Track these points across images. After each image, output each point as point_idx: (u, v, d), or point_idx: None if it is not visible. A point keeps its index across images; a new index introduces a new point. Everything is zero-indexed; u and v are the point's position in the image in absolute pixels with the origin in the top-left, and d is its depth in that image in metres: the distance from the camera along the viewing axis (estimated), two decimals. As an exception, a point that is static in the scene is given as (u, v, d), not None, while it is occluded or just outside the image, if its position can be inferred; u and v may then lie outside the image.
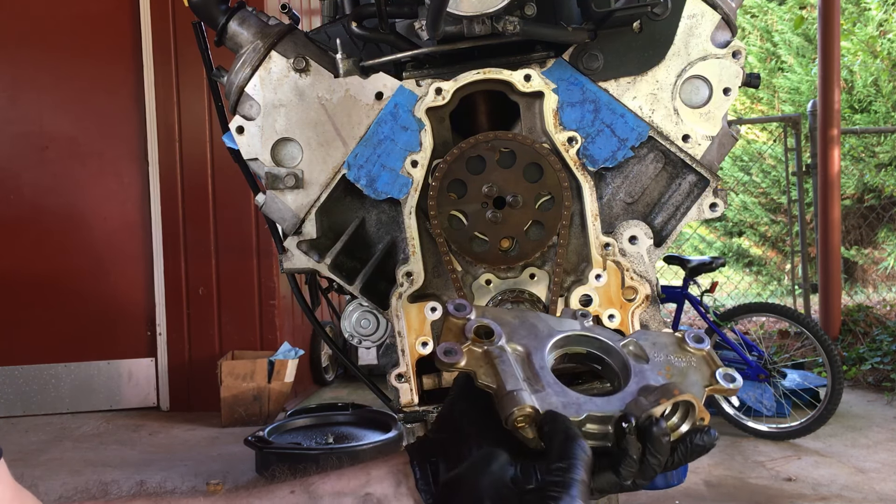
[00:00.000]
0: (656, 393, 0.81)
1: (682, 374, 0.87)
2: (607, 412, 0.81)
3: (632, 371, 0.86)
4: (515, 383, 0.80)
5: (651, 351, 0.89)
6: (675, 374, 0.87)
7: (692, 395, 0.81)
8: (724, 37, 1.27)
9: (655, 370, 0.87)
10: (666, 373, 0.87)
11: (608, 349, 0.89)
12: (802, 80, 9.89)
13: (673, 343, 0.91)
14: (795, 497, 3.97)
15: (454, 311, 0.88)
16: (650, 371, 0.86)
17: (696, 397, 0.82)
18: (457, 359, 0.84)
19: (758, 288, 10.08)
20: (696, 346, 0.90)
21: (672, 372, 0.87)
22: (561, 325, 0.91)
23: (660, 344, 0.90)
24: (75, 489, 0.87)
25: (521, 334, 0.88)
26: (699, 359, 0.89)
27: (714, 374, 0.87)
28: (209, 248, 5.84)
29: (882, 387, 6.09)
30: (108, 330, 5.90)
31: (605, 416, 0.80)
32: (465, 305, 0.89)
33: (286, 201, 1.30)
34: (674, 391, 0.81)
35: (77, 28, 5.84)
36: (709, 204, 1.28)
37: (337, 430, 4.50)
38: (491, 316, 0.89)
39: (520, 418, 0.77)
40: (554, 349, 0.89)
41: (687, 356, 0.89)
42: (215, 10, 1.34)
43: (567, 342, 0.90)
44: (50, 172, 5.90)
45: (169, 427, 5.43)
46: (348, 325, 1.38)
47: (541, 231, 1.25)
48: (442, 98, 1.26)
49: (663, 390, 0.81)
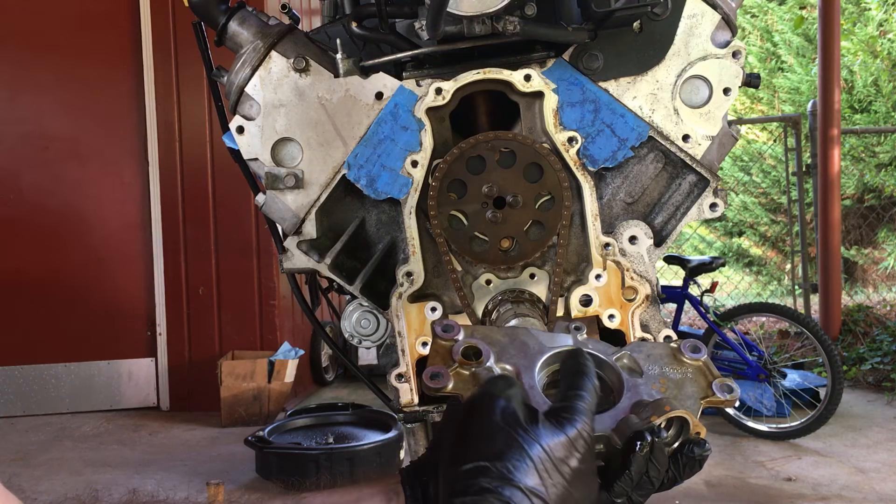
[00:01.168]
0: (647, 409, 0.79)
1: (677, 386, 0.85)
2: (598, 431, 0.79)
3: (625, 386, 0.84)
4: None
5: (645, 363, 0.87)
6: (669, 386, 0.85)
7: (684, 410, 0.80)
8: (724, 37, 1.27)
9: (649, 384, 0.85)
10: (661, 386, 0.85)
11: (601, 363, 0.87)
12: (802, 80, 9.90)
13: (668, 354, 0.89)
14: (795, 497, 3.97)
15: (441, 332, 0.87)
16: (644, 385, 0.85)
17: (689, 411, 0.80)
18: (443, 383, 0.83)
19: (758, 288, 10.09)
20: (692, 356, 0.88)
21: (667, 385, 0.85)
22: (553, 341, 0.89)
23: (654, 356, 0.88)
24: (65, 496, 0.88)
25: (511, 353, 0.86)
26: (695, 369, 0.87)
27: (710, 385, 0.85)
28: (209, 248, 5.84)
29: (882, 387, 6.09)
30: (109, 330, 5.90)
31: (596, 435, 0.79)
32: (453, 326, 0.87)
33: (286, 201, 1.30)
34: (665, 407, 0.79)
35: (77, 28, 5.84)
36: (709, 204, 1.28)
37: (337, 430, 4.50)
38: (480, 336, 0.88)
39: None
40: (545, 366, 0.87)
41: (683, 367, 0.87)
42: (215, 10, 1.34)
43: (558, 358, 0.88)
44: (50, 172, 5.90)
45: (169, 427, 5.44)
46: (348, 325, 1.38)
47: (541, 231, 1.25)
48: (442, 98, 1.26)
49: (655, 406, 0.80)
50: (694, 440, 0.80)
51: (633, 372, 0.87)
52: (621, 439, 0.79)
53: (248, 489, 4.12)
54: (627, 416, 0.80)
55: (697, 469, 0.81)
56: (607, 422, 0.80)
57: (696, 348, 0.89)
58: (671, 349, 0.90)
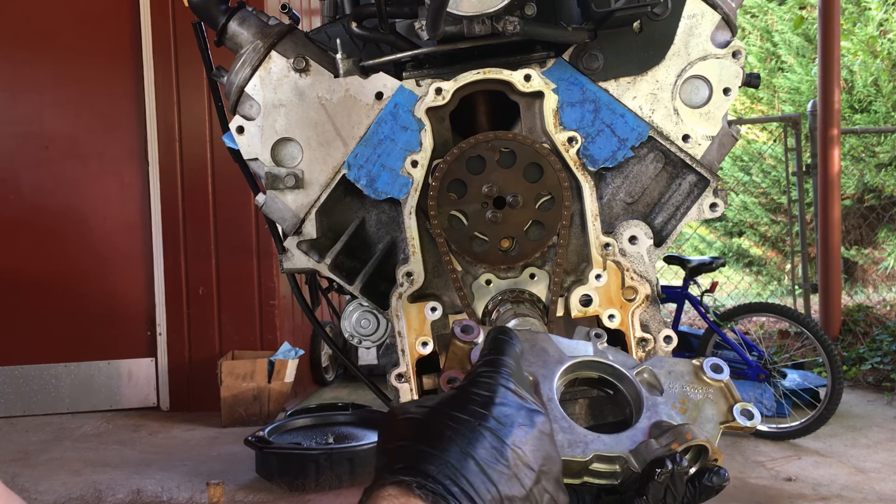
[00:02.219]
0: (668, 436, 0.77)
1: (696, 407, 0.83)
2: (615, 452, 0.77)
3: (644, 404, 0.82)
4: None
5: (666, 380, 0.85)
6: (689, 407, 0.83)
7: (706, 440, 0.78)
8: (724, 37, 1.27)
9: (669, 403, 0.83)
10: (681, 406, 0.83)
11: (621, 376, 0.85)
12: (802, 80, 9.90)
13: (690, 372, 0.86)
14: (795, 497, 3.97)
15: (461, 333, 0.84)
16: (664, 405, 0.82)
17: (710, 441, 0.78)
18: None
19: (758, 288, 10.09)
20: (713, 376, 0.86)
21: (687, 405, 0.83)
22: (574, 348, 0.87)
23: (676, 373, 0.86)
24: (69, 496, 0.88)
25: (530, 360, 0.84)
26: (716, 391, 0.85)
27: (731, 410, 0.83)
28: (209, 248, 5.84)
29: (882, 387, 6.09)
30: (109, 330, 5.90)
31: (613, 455, 0.77)
32: (472, 328, 0.84)
33: (286, 201, 1.30)
34: (687, 435, 0.77)
35: (77, 28, 5.84)
36: (709, 204, 1.28)
37: (337, 430, 4.50)
38: None
39: None
40: (564, 375, 0.85)
41: (703, 387, 0.85)
42: (215, 10, 1.34)
43: (578, 368, 0.86)
44: (50, 172, 5.90)
45: (169, 427, 5.43)
46: (348, 325, 1.38)
47: (541, 231, 1.25)
48: (442, 98, 1.26)
49: (676, 433, 0.77)
50: (712, 468, 0.78)
51: (652, 388, 0.85)
52: (640, 463, 0.77)
53: (248, 489, 4.12)
54: (647, 440, 0.78)
55: (713, 496, 0.80)
56: (625, 443, 0.78)
57: (719, 368, 0.87)
58: (693, 366, 0.87)
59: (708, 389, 0.85)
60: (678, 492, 0.77)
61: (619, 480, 0.78)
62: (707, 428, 0.82)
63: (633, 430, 0.80)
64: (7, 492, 0.83)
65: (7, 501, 0.82)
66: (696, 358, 0.89)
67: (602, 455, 0.77)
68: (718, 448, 0.80)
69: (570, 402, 1.28)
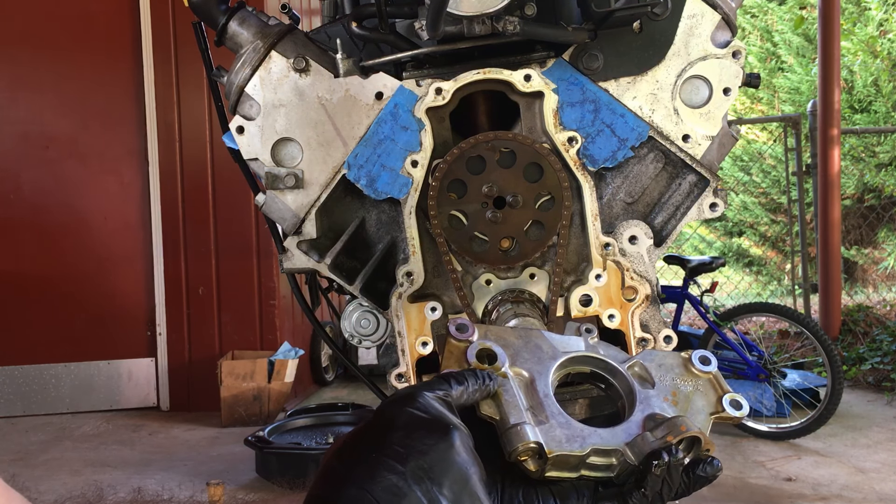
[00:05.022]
0: (663, 428, 0.79)
1: (687, 399, 0.85)
2: (611, 445, 0.79)
3: (637, 397, 0.84)
4: (519, 416, 0.78)
5: (657, 373, 0.87)
6: (680, 399, 0.85)
7: (699, 431, 0.80)
8: (724, 37, 1.27)
9: (661, 396, 0.85)
10: (672, 398, 0.85)
11: (613, 370, 0.87)
12: (802, 80, 9.90)
13: (679, 364, 0.89)
14: (795, 497, 3.97)
15: (456, 332, 0.85)
16: (656, 397, 0.85)
17: (703, 432, 0.80)
18: None
19: (758, 288, 10.09)
20: (702, 367, 0.88)
21: (678, 397, 0.85)
22: (566, 344, 0.89)
23: (666, 365, 0.88)
24: (70, 494, 0.88)
25: (525, 357, 0.86)
26: (705, 382, 0.87)
27: (720, 400, 0.85)
28: (209, 248, 5.84)
29: (882, 387, 6.09)
30: (108, 330, 5.90)
31: (610, 449, 0.79)
32: (468, 326, 0.86)
33: (286, 201, 1.30)
34: (681, 427, 0.79)
35: (77, 28, 5.84)
36: (709, 204, 1.28)
37: (337, 430, 4.50)
38: (494, 337, 0.87)
39: (523, 453, 0.76)
40: (558, 370, 0.87)
41: (693, 379, 0.87)
42: (215, 10, 1.34)
43: (571, 363, 0.88)
44: (50, 172, 5.90)
45: (169, 427, 5.43)
46: (348, 325, 1.38)
47: (541, 231, 1.25)
48: (442, 98, 1.26)
49: (670, 426, 0.79)
50: (705, 459, 0.80)
51: (643, 381, 0.87)
52: (636, 456, 0.79)
53: (248, 489, 4.12)
54: (642, 433, 0.80)
55: (707, 485, 0.82)
56: (621, 436, 0.80)
57: (707, 360, 0.89)
58: (682, 359, 0.89)
59: (697, 381, 0.87)
60: (674, 483, 0.79)
61: (615, 473, 0.80)
62: (698, 419, 0.84)
63: (627, 424, 0.82)
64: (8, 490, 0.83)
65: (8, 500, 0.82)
66: (685, 351, 0.91)
67: (599, 449, 0.79)
68: (710, 439, 0.82)
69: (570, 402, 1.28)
